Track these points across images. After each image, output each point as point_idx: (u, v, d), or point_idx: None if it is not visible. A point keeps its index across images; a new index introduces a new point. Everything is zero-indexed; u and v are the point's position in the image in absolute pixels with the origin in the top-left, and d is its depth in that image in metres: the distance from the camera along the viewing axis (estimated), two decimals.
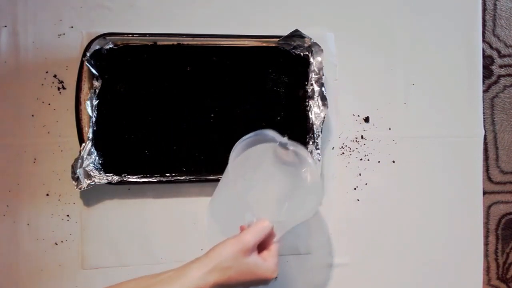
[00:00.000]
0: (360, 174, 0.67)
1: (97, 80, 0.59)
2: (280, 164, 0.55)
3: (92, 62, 0.58)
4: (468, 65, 0.70)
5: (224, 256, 0.42)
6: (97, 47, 0.58)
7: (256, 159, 0.55)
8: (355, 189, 0.67)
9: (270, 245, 0.47)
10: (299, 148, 0.53)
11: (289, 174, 0.56)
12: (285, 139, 0.53)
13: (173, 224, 0.63)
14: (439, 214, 0.69)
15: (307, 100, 0.63)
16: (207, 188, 0.62)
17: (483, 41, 0.84)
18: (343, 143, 0.67)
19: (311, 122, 0.61)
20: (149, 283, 0.40)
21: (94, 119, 0.59)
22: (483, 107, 0.71)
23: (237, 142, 0.50)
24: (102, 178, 0.58)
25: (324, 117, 0.60)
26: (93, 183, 0.57)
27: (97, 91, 0.59)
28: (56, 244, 0.61)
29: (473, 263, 0.70)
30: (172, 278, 0.40)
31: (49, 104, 0.62)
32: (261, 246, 0.46)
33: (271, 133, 0.52)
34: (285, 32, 0.60)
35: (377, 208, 0.67)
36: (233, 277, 0.42)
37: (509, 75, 0.87)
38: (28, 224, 0.61)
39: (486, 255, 0.87)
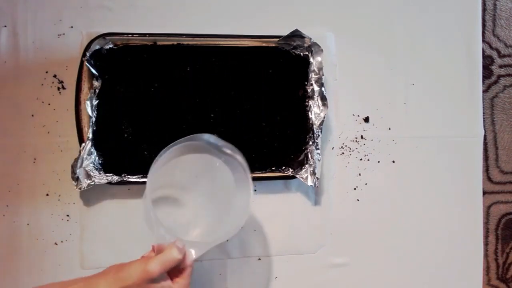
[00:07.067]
0: (360, 174, 0.67)
1: (97, 80, 0.59)
2: (212, 177, 0.51)
3: (92, 62, 0.58)
4: (468, 65, 0.70)
5: (130, 282, 0.41)
6: (97, 47, 0.58)
7: (182, 169, 0.51)
8: (355, 189, 0.67)
9: (185, 266, 0.45)
10: (237, 161, 0.47)
11: (220, 190, 0.52)
12: (225, 148, 0.47)
13: None
14: (439, 214, 0.69)
15: (307, 100, 0.63)
16: None
17: (483, 41, 0.84)
18: (343, 143, 0.67)
19: (311, 122, 0.61)
20: None
21: (94, 119, 0.59)
22: (483, 107, 0.71)
23: (166, 148, 0.46)
24: (102, 178, 0.58)
25: (324, 117, 0.60)
26: (93, 183, 0.57)
27: (97, 91, 0.59)
28: (56, 244, 0.61)
29: (473, 263, 0.70)
30: None
31: (49, 104, 0.62)
32: (176, 267, 0.45)
33: (212, 138, 0.47)
34: (285, 32, 0.60)
35: (377, 208, 0.67)
36: None
37: (509, 75, 0.87)
38: (28, 224, 0.61)
39: (486, 255, 0.87)
